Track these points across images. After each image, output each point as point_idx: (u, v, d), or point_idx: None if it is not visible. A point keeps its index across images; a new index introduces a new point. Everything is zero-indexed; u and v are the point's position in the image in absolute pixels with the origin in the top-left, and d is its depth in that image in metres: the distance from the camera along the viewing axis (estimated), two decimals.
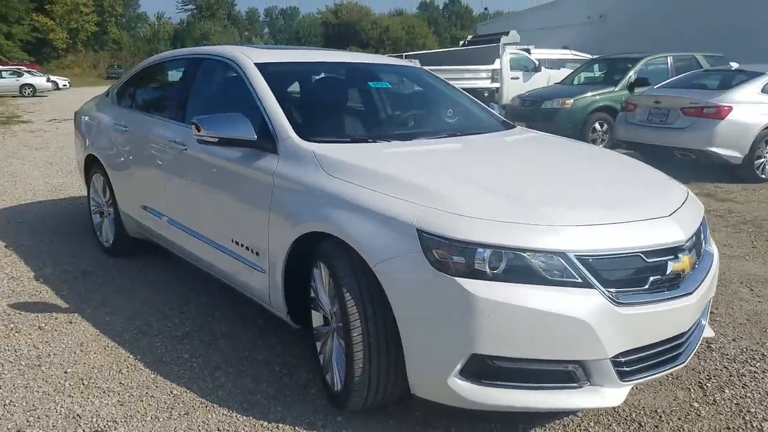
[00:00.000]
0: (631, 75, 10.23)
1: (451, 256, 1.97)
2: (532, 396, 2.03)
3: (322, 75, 3.42)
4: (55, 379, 2.72)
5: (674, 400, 2.54)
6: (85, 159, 4.53)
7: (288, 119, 2.76)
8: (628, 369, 2.08)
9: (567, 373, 2.02)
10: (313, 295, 2.61)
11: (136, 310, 3.48)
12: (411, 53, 15.83)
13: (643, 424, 2.36)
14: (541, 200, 2.20)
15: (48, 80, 31.51)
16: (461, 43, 20.89)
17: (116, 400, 2.56)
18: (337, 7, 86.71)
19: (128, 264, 4.26)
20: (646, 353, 2.15)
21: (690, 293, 2.21)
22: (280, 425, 2.37)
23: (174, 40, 71.19)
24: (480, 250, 1.96)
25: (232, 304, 3.52)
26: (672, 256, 2.17)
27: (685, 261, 2.21)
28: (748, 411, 2.46)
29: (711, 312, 3.40)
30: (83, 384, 2.69)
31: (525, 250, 1.96)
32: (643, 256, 2.09)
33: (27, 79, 29.81)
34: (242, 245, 2.88)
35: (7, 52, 43.10)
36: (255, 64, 3.12)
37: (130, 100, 4.25)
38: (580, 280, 1.97)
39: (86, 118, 4.72)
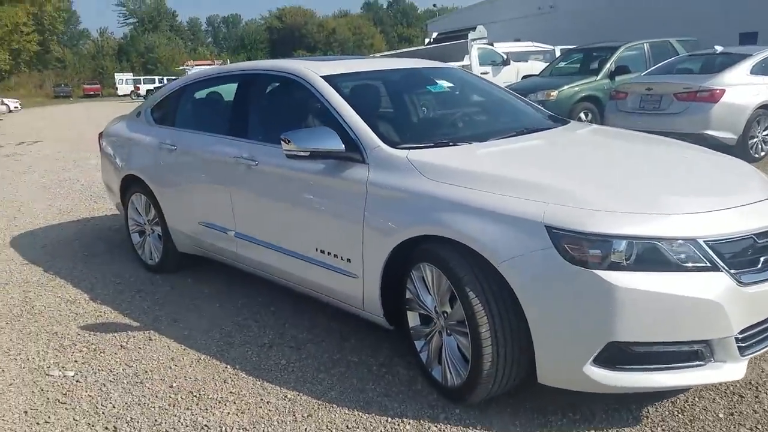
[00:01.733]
0: (611, 63, 10.59)
1: (587, 249, 2.12)
2: (661, 376, 2.19)
3: (385, 82, 3.54)
4: (164, 394, 2.79)
5: (762, 372, 2.74)
6: (122, 180, 4.54)
7: (372, 129, 2.88)
8: (745, 344, 2.26)
9: (694, 353, 2.18)
10: (409, 296, 2.74)
11: (211, 323, 3.55)
12: (380, 54, 15.98)
13: (743, 395, 2.56)
14: (657, 190, 2.37)
15: (2, 103, 30.53)
16: (426, 41, 21.18)
17: (235, 409, 2.65)
18: (280, 12, 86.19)
19: (178, 280, 4.30)
20: (760, 328, 2.32)
21: None
22: (404, 419, 2.50)
23: (119, 54, 69.87)
24: (616, 241, 2.11)
25: (300, 311, 3.62)
26: None
27: None
28: None
29: None
30: (195, 396, 2.77)
31: (658, 239, 2.12)
32: (755, 237, 2.27)
33: None
34: (330, 253, 2.98)
35: None
36: (322, 77, 3.22)
37: (172, 119, 4.27)
38: (708, 264, 2.13)
39: (117, 139, 4.72)
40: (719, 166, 2.87)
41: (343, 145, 2.82)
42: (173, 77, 47.49)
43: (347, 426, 2.48)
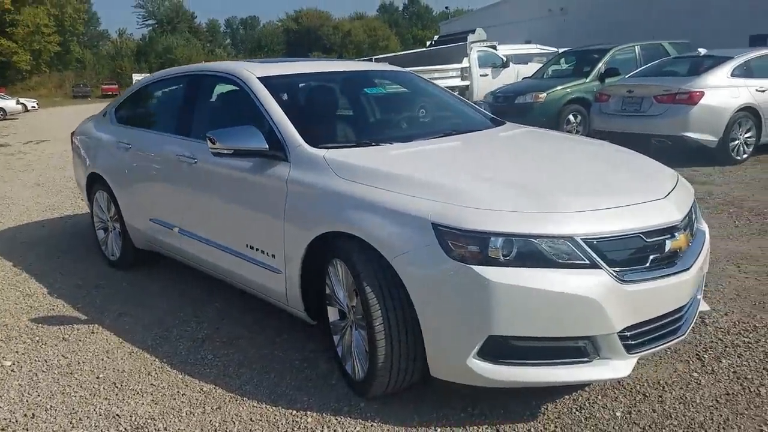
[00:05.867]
0: (601, 66, 10.56)
1: (466, 246, 2.18)
2: (546, 371, 2.23)
3: (322, 84, 3.62)
4: (89, 384, 2.89)
5: (675, 372, 2.75)
6: (87, 177, 4.67)
7: (297, 129, 2.96)
8: (633, 342, 2.29)
9: (578, 349, 2.23)
10: (328, 291, 2.81)
11: (154, 318, 3.65)
12: (380, 56, 16.10)
13: (647, 395, 2.58)
14: (545, 189, 2.41)
15: (17, 102, 31.22)
16: (428, 43, 21.33)
17: (150, 400, 2.74)
18: (297, 14, 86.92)
19: (135, 276, 4.42)
20: (650, 327, 2.35)
21: (687, 269, 2.42)
22: (308, 412, 2.57)
23: (138, 55, 70.90)
24: (493, 238, 2.16)
25: (243, 308, 3.70)
26: (669, 235, 2.38)
27: (681, 239, 2.43)
28: (745, 378, 2.68)
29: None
30: (116, 387, 2.86)
31: (534, 237, 2.17)
32: (643, 236, 2.30)
33: None
34: (257, 249, 3.06)
35: None
36: (258, 78, 3.31)
37: (130, 119, 4.40)
38: (587, 262, 2.18)
39: (85, 138, 4.86)
40: (631, 168, 2.90)
41: (267, 144, 2.90)
42: None
43: (251, 418, 2.55)
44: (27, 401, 2.77)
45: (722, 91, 7.60)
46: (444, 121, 3.60)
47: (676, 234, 2.40)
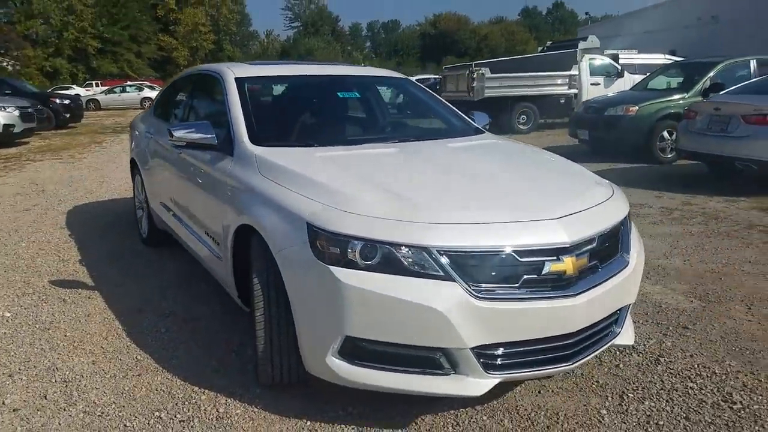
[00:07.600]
0: (706, 80, 9.69)
1: (329, 247, 2.25)
2: (402, 378, 2.25)
3: (293, 87, 3.80)
4: (54, 340, 3.29)
5: (584, 405, 2.58)
6: (130, 162, 5.22)
7: (247, 126, 3.16)
8: (496, 362, 2.24)
9: (433, 360, 2.22)
10: None
11: (143, 291, 4.03)
12: (479, 62, 15.91)
13: (536, 423, 2.45)
14: (421, 200, 2.39)
15: None
16: (539, 48, 20.70)
17: (91, 360, 3.06)
18: (435, 18, 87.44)
19: (156, 253, 4.86)
20: (519, 349, 2.28)
21: (573, 295, 2.28)
22: (207, 390, 2.75)
23: (282, 55, 75.42)
24: (353, 242, 2.22)
25: (223, 292, 3.94)
26: (554, 257, 2.27)
27: (567, 263, 2.27)
28: (656, 424, 2.44)
29: (684, 326, 3.36)
30: (73, 345, 3.23)
31: (392, 244, 2.19)
32: (515, 255, 2.22)
33: (147, 93, 33.28)
34: (210, 235, 3.31)
35: (136, 69, 47.96)
36: (235, 78, 3.55)
37: (158, 111, 4.88)
38: (441, 273, 2.16)
39: (133, 128, 5.45)
40: (545, 185, 2.74)
41: (216, 139, 3.13)
42: None
43: (157, 388, 2.78)
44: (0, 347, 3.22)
45: None
46: (408, 128, 3.61)
47: (561, 257, 2.27)
